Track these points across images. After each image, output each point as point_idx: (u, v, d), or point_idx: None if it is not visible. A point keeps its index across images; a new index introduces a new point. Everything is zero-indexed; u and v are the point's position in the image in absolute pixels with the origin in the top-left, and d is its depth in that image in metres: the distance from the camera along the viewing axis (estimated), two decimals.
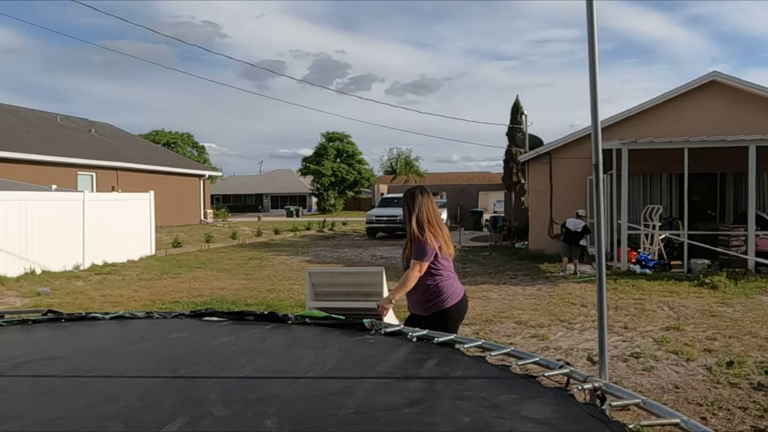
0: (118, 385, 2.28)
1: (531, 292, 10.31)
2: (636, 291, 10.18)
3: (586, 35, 3.10)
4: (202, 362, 2.59)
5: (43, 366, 2.53)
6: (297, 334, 3.15)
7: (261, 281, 11.97)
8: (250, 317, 3.51)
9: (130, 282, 11.83)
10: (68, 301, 9.67)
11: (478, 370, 2.42)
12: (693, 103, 14.37)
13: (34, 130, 22.06)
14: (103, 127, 28.74)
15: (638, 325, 7.67)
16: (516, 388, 2.15)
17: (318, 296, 6.96)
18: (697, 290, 10.18)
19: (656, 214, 13.19)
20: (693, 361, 5.95)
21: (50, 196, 13.81)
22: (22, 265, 12.11)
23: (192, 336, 3.14)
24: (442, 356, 2.60)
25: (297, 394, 2.14)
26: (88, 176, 20.86)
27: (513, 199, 25.13)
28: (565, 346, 6.68)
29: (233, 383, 2.27)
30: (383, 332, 3.09)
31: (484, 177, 51.33)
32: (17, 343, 3.04)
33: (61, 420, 1.88)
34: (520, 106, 23.79)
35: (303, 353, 2.71)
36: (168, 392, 2.21)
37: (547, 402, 2.01)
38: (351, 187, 57.21)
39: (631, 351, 6.37)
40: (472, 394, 2.09)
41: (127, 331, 3.34)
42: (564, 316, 8.24)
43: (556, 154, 15.81)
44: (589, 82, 3.07)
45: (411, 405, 1.97)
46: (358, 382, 2.24)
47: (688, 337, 6.92)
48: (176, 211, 24.14)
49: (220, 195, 60.92)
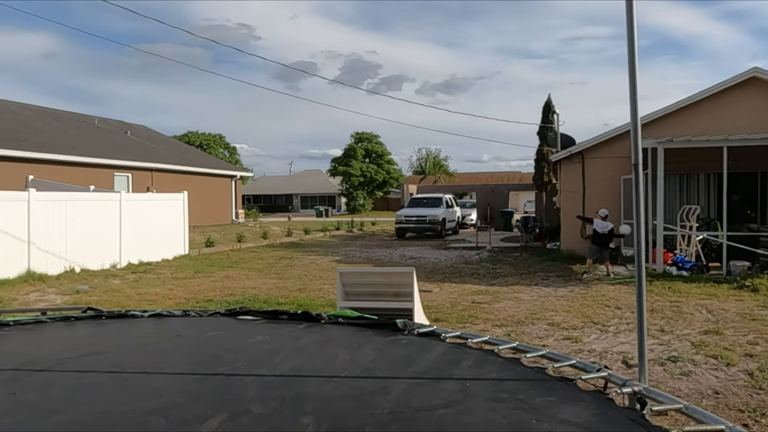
0: (159, 381, 2.34)
1: (563, 294, 10.15)
2: (672, 293, 9.93)
3: (625, 33, 3.05)
4: (238, 360, 2.63)
5: (87, 362, 2.61)
6: (330, 333, 3.18)
7: (292, 281, 12.08)
8: (284, 316, 3.56)
9: (165, 280, 12.08)
10: (106, 298, 9.93)
11: (513, 371, 2.40)
12: (732, 100, 13.95)
13: (73, 132, 22.73)
14: (139, 129, 29.45)
15: (675, 328, 7.48)
16: (553, 391, 2.13)
17: (349, 296, 7.00)
18: (737, 293, 9.87)
19: (693, 215, 12.85)
20: (733, 365, 5.78)
21: (89, 196, 14.20)
22: (62, 264, 12.48)
23: (228, 334, 3.20)
24: (477, 357, 2.59)
25: (333, 393, 2.16)
26: (124, 177, 21.41)
27: (544, 199, 24.81)
28: (600, 349, 6.56)
29: (270, 381, 2.31)
30: (416, 332, 3.09)
31: (515, 177, 50.81)
32: (61, 340, 3.14)
33: (105, 414, 1.94)
34: (551, 104, 23.47)
35: (337, 352, 2.73)
36: (207, 389, 2.26)
37: (585, 405, 1.98)
38: (380, 187, 57.30)
39: (668, 355, 6.21)
40: (509, 396, 2.07)
41: (165, 328, 3.42)
42: (598, 318, 8.09)
43: (589, 153, 15.55)
44: (628, 80, 3.01)
45: (447, 406, 1.97)
46: (393, 382, 2.25)
47: (727, 341, 6.72)
48: (209, 211, 24.57)
49: (251, 195, 61.76)
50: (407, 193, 41.35)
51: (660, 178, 12.09)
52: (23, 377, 2.35)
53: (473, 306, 9.08)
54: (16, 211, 11.52)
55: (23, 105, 23.72)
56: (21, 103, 23.78)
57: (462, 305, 9.16)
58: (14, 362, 2.55)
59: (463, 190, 41.05)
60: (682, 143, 12.48)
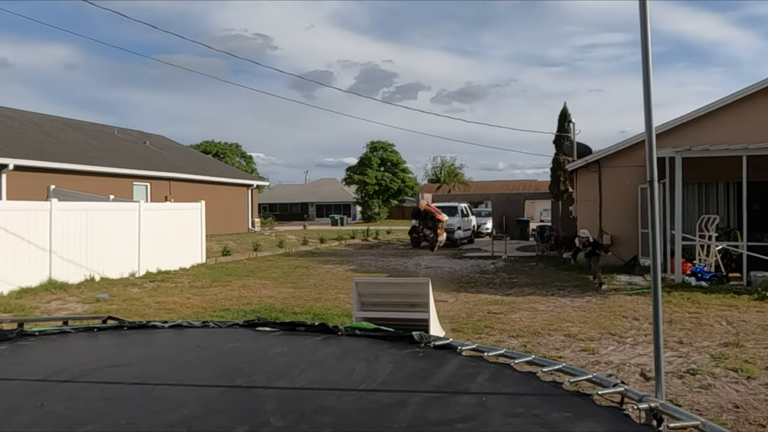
0: (181, 393, 2.39)
1: (580, 304, 10.09)
2: (691, 304, 9.82)
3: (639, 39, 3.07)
4: (257, 372, 2.68)
5: (111, 373, 2.68)
6: (347, 345, 3.22)
7: (307, 290, 12.16)
8: (301, 328, 3.60)
9: (183, 289, 12.22)
10: (125, 307, 10.08)
11: (529, 386, 2.41)
12: (752, 108, 13.80)
13: (93, 142, 23.15)
14: (157, 138, 29.89)
15: (694, 340, 7.40)
16: (569, 406, 2.14)
17: (364, 306, 7.02)
18: (758, 304, 9.73)
19: (712, 225, 12.71)
20: (754, 379, 5.70)
21: (109, 206, 14.44)
22: (83, 273, 12.69)
23: (247, 345, 3.25)
24: (493, 371, 2.61)
25: (351, 406, 2.19)
26: (143, 186, 21.72)
27: (560, 208, 24.69)
28: (617, 360, 6.52)
29: (289, 394, 2.35)
30: (432, 345, 3.12)
31: (531, 185, 50.62)
32: (85, 350, 3.21)
33: (130, 425, 1.99)
34: (567, 113, 23.42)
35: (354, 365, 2.77)
36: (227, 401, 2.30)
37: (601, 421, 1.99)
38: (395, 195, 57.39)
39: (687, 367, 6.15)
40: (525, 411, 2.09)
41: (185, 339, 3.48)
42: (615, 329, 8.04)
43: (606, 162, 15.47)
44: (642, 89, 3.03)
45: (463, 420, 1.99)
46: (410, 396, 2.27)
47: (748, 354, 6.64)
48: (225, 220, 24.81)
49: (267, 204, 62.20)
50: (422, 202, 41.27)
51: (678, 187, 11.99)
52: (50, 388, 2.41)
53: (489, 316, 9.06)
54: (38, 220, 11.76)
55: (45, 116, 24.22)
56: (43, 114, 24.28)
57: (478, 315, 9.15)
58: (41, 373, 2.62)
59: (478, 199, 40.98)
60: (701, 152, 12.37)
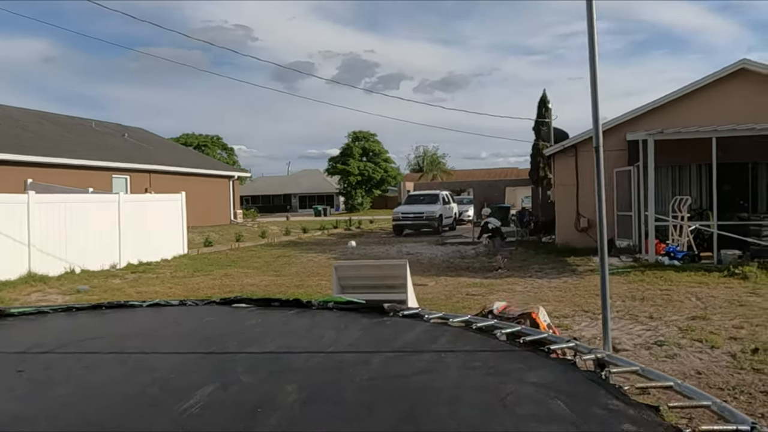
0: (156, 360, 2.49)
1: (556, 285, 10.31)
2: (664, 282, 10.10)
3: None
4: (230, 341, 2.79)
5: (88, 344, 2.77)
6: (319, 317, 3.34)
7: (289, 278, 12.24)
8: (276, 303, 3.71)
9: (164, 280, 12.23)
10: (106, 297, 10.07)
11: (488, 345, 2.55)
12: (723, 91, 14.10)
13: (71, 135, 22.85)
14: (136, 131, 29.55)
15: (664, 315, 7.64)
16: (523, 360, 2.28)
17: (344, 289, 7.14)
18: (727, 281, 10.03)
19: (685, 205, 13.01)
20: (717, 348, 5.94)
21: (87, 198, 14.34)
22: (63, 265, 12.63)
23: (221, 319, 3.36)
24: (456, 333, 2.75)
25: (317, 366, 2.31)
26: (122, 179, 21.53)
27: (540, 193, 24.98)
28: (589, 335, 6.72)
29: (259, 357, 2.46)
30: (401, 315, 3.25)
31: (512, 173, 50.97)
32: (63, 327, 3.29)
33: (104, 387, 2.10)
34: (546, 99, 23.63)
35: (324, 333, 2.89)
36: (201, 365, 2.41)
37: (551, 370, 2.14)
38: (378, 185, 57.42)
39: (655, 339, 6.37)
40: (481, 365, 2.23)
41: (163, 316, 3.57)
42: (588, 307, 8.26)
43: (582, 146, 15.69)
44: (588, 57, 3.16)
45: (421, 373, 2.12)
46: (373, 356, 2.40)
47: (714, 326, 6.88)
48: (207, 211, 24.69)
49: (249, 196, 61.83)
50: (405, 191, 41.49)
51: (651, 169, 12.26)
52: (28, 359, 2.50)
53: (467, 298, 9.25)
54: (16, 213, 11.67)
55: (22, 110, 23.84)
56: (20, 108, 23.90)
57: (456, 297, 9.33)
58: (19, 347, 2.70)
59: (460, 187, 41.18)
60: (672, 135, 12.64)
